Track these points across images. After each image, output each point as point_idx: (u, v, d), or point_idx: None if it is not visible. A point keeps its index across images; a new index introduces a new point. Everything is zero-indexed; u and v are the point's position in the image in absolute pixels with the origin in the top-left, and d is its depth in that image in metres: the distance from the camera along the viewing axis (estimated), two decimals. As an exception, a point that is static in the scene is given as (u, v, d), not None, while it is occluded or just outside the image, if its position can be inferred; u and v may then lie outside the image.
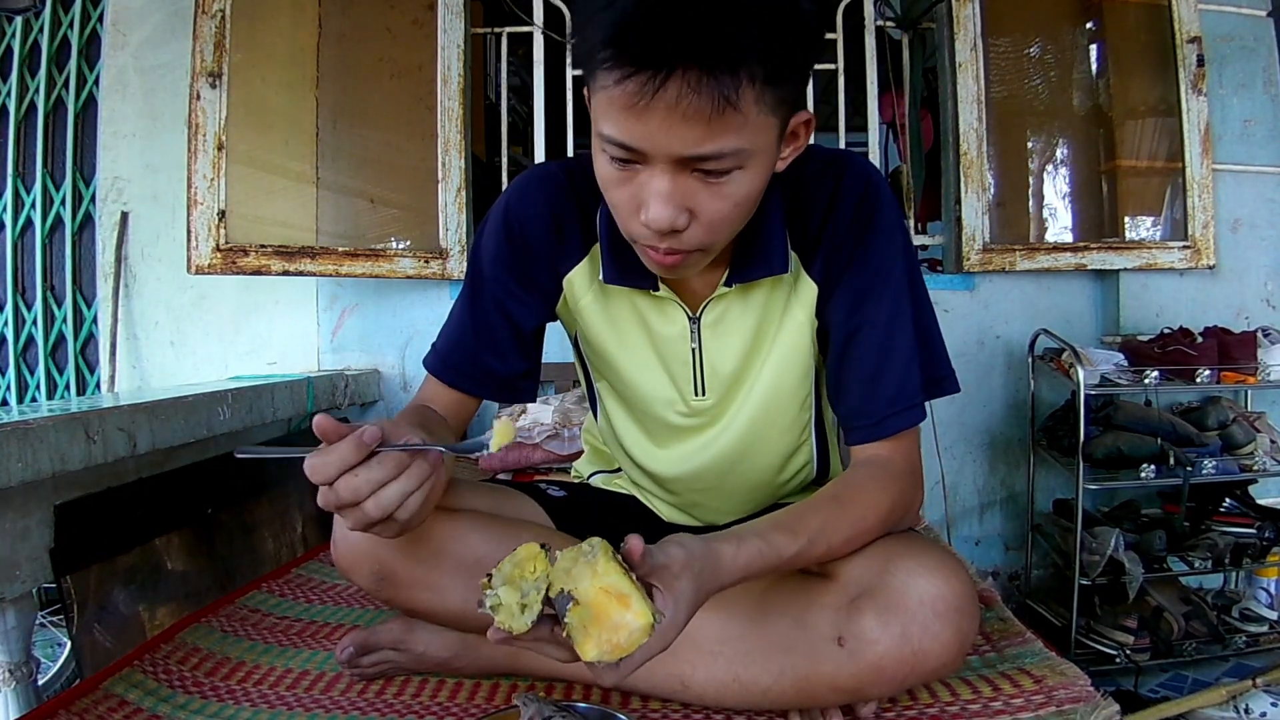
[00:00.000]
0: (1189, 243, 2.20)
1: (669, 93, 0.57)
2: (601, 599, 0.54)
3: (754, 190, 0.66)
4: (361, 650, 0.86)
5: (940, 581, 0.69)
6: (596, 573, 0.55)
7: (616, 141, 0.62)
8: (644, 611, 0.54)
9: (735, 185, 0.64)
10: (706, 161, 0.62)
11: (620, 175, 0.65)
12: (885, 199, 0.79)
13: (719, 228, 0.67)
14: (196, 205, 1.96)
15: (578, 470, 1.12)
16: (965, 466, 2.30)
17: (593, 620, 0.54)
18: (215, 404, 1.45)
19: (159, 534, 1.30)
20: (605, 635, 0.54)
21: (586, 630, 0.54)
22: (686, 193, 0.64)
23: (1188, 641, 1.88)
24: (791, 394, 0.87)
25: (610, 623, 0.54)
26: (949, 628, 0.68)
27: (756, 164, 0.65)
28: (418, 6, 2.15)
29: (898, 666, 0.68)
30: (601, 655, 0.54)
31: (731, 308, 0.82)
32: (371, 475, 0.59)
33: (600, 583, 0.55)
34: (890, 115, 2.41)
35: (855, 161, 0.80)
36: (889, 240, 0.79)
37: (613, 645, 0.54)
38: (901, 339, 0.79)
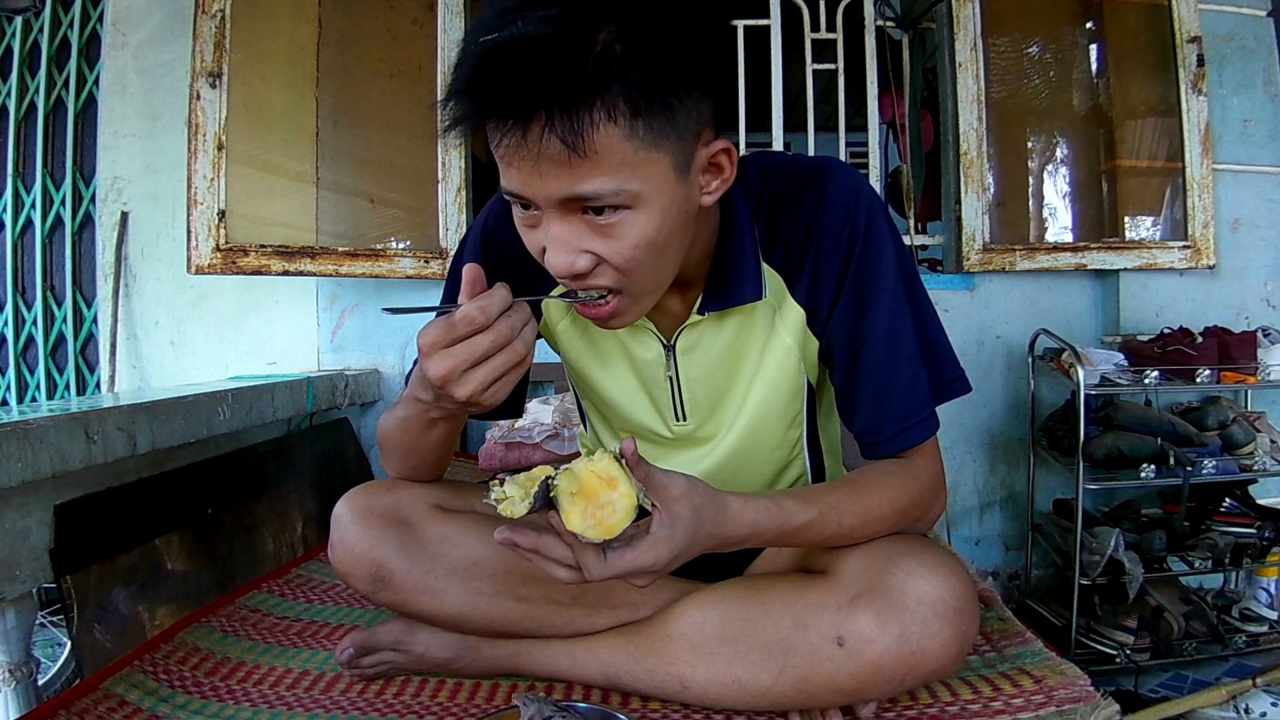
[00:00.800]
0: (1189, 243, 2.20)
1: (531, 139, 0.57)
2: (591, 479, 0.57)
3: (655, 232, 0.63)
4: (361, 651, 0.86)
5: (940, 581, 0.69)
6: (592, 460, 0.58)
7: (508, 191, 0.63)
8: (629, 493, 0.56)
9: (629, 227, 0.62)
10: (585, 202, 0.60)
11: (524, 220, 0.66)
12: (873, 209, 0.76)
13: (629, 270, 0.64)
14: (196, 205, 1.96)
15: None
16: (965, 466, 2.30)
17: (580, 491, 0.57)
18: (215, 404, 1.44)
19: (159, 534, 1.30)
20: (591, 509, 0.56)
21: (573, 500, 0.57)
22: (580, 236, 0.63)
23: (1188, 641, 1.88)
24: (780, 415, 0.85)
25: (597, 500, 0.56)
26: (948, 628, 0.68)
27: (650, 204, 0.62)
28: (418, 6, 2.15)
29: (897, 667, 0.68)
30: (586, 530, 0.56)
31: (705, 335, 0.80)
32: (515, 320, 0.62)
33: (592, 466, 0.58)
34: (890, 115, 2.41)
35: (837, 172, 0.77)
36: (882, 252, 0.76)
37: (598, 521, 0.56)
38: (905, 352, 0.77)
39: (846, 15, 2.28)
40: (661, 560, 0.59)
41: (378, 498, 0.82)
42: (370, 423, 2.26)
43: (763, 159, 0.81)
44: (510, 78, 0.56)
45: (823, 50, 2.30)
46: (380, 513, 0.81)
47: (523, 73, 0.56)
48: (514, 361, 0.62)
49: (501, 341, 0.61)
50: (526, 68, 0.56)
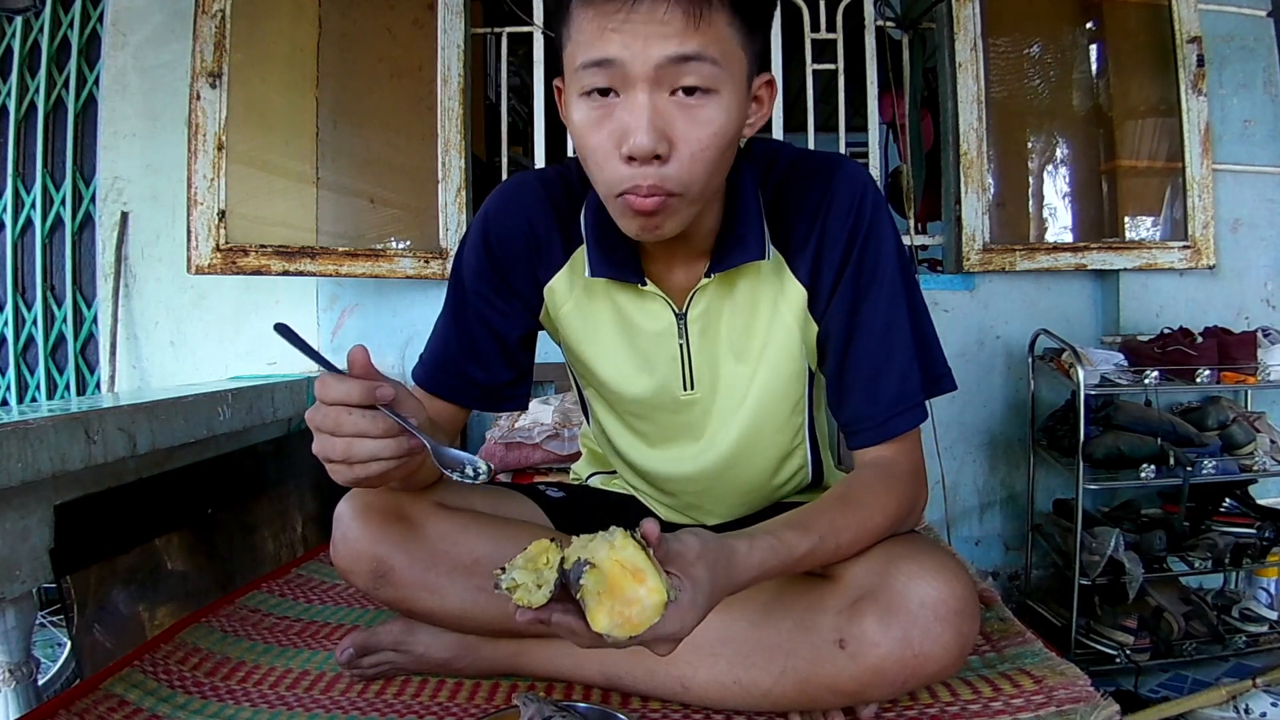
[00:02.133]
0: (1189, 243, 2.20)
1: (646, 3, 0.61)
2: (617, 571, 0.54)
3: (727, 126, 0.67)
4: (361, 652, 0.86)
5: (941, 584, 0.69)
6: (614, 546, 0.55)
7: (596, 61, 0.64)
8: (659, 588, 0.53)
9: (711, 111, 0.65)
10: (686, 65, 0.63)
11: (598, 113, 0.66)
12: (880, 203, 0.80)
13: (697, 161, 0.67)
14: (196, 205, 1.96)
15: (576, 472, 1.13)
16: (965, 466, 2.30)
17: (607, 590, 0.53)
18: (215, 404, 1.45)
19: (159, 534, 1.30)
20: (618, 608, 0.53)
21: (600, 599, 0.53)
22: (666, 118, 0.65)
23: (1188, 641, 1.88)
24: (784, 395, 0.87)
25: (624, 596, 0.53)
26: (950, 631, 0.68)
27: (728, 95, 0.66)
28: (418, 6, 2.15)
29: (898, 669, 0.68)
30: (613, 628, 0.53)
31: (715, 301, 0.82)
32: (359, 424, 0.61)
33: (617, 555, 0.54)
34: (890, 115, 2.41)
35: (848, 165, 0.81)
36: (884, 244, 0.79)
37: (625, 619, 0.53)
38: (900, 340, 0.79)
39: (846, 15, 2.28)
40: (688, 627, 0.57)
41: (379, 496, 0.82)
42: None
43: (770, 145, 0.84)
44: None
45: (823, 50, 2.30)
46: (381, 510, 0.81)
47: None
48: (336, 456, 0.63)
49: (328, 429, 0.62)
50: None
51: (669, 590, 0.53)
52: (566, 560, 0.55)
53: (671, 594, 0.54)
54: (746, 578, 0.63)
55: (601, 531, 0.57)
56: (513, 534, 0.84)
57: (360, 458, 0.62)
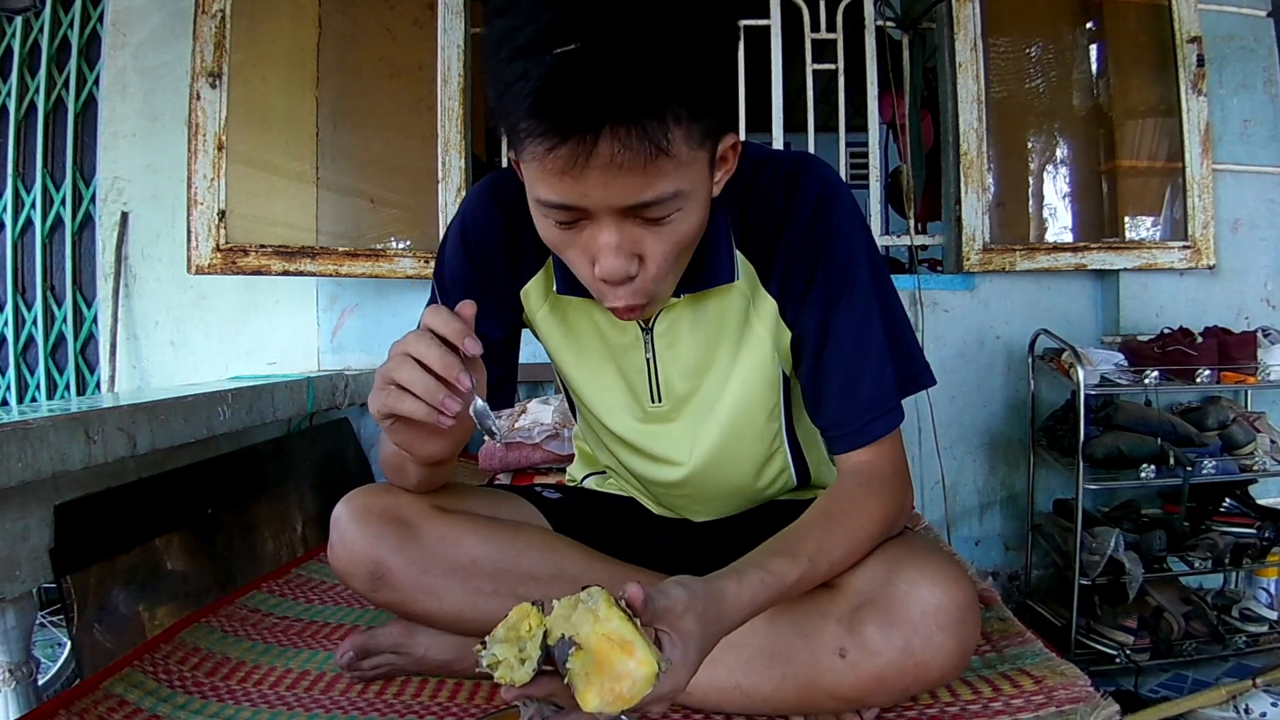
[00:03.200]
0: (1189, 243, 2.20)
1: (601, 152, 0.57)
2: (604, 646, 0.51)
3: (695, 226, 0.67)
4: (362, 654, 0.86)
5: (943, 591, 0.68)
6: (598, 618, 0.52)
7: (557, 205, 0.62)
8: (648, 660, 0.51)
9: (678, 224, 0.65)
10: (649, 209, 0.62)
11: (565, 236, 0.65)
12: (842, 202, 0.78)
13: (666, 268, 0.67)
14: (196, 205, 1.96)
15: (571, 475, 1.13)
16: (965, 466, 2.30)
17: (595, 668, 0.51)
18: (215, 404, 1.44)
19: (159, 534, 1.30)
20: (608, 684, 0.51)
21: (588, 678, 0.51)
22: (634, 240, 0.64)
23: (1188, 641, 1.88)
24: (759, 405, 0.86)
25: (613, 671, 0.51)
26: (951, 639, 0.68)
27: (694, 200, 0.65)
28: (418, 6, 2.15)
29: (899, 677, 0.68)
30: (603, 706, 0.51)
31: (682, 318, 0.81)
32: (444, 358, 0.61)
33: (602, 629, 0.52)
34: (890, 115, 2.41)
35: (809, 167, 0.79)
36: (849, 245, 0.77)
37: (615, 695, 0.51)
38: (872, 343, 0.78)
39: (846, 15, 2.28)
40: (682, 684, 0.56)
41: (376, 499, 0.82)
42: (370, 423, 2.26)
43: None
44: (587, 90, 0.55)
45: (823, 50, 2.30)
46: (379, 513, 0.81)
47: (601, 84, 0.55)
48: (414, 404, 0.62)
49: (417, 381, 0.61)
50: (605, 78, 0.55)
51: (659, 662, 0.51)
52: (550, 634, 0.53)
53: (663, 665, 0.52)
54: (739, 618, 0.61)
55: (582, 594, 0.54)
56: (510, 536, 0.84)
57: (422, 388, 0.61)
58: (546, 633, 0.53)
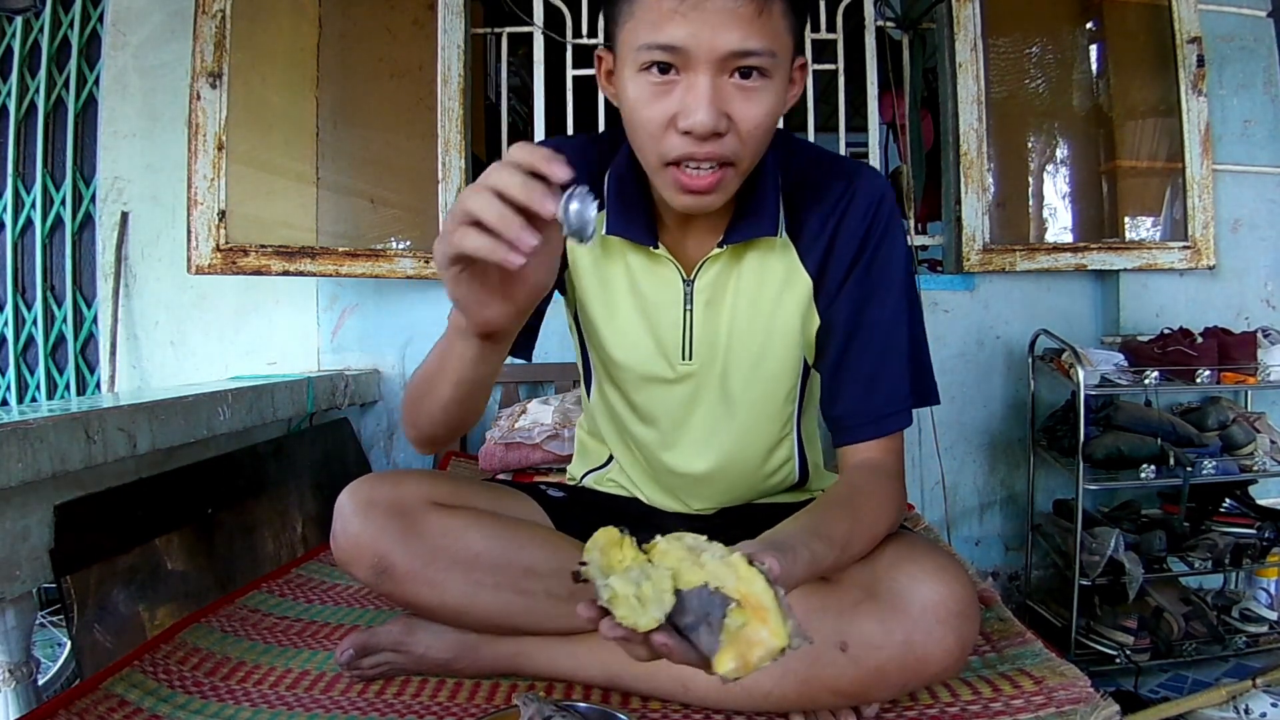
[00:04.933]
0: (1189, 243, 2.20)
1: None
2: (745, 608, 0.48)
3: (776, 107, 0.71)
4: (361, 652, 0.87)
5: (942, 586, 0.69)
6: (740, 577, 0.48)
7: (662, 45, 0.66)
8: (780, 632, 0.47)
9: (765, 93, 0.69)
10: (748, 58, 0.67)
11: (656, 89, 0.69)
12: (895, 213, 0.84)
13: (752, 137, 0.71)
14: (196, 205, 1.96)
15: (571, 473, 1.13)
16: (965, 466, 2.30)
17: (741, 630, 0.47)
18: (215, 404, 1.45)
19: (159, 534, 1.30)
20: (741, 648, 0.47)
21: (732, 636, 0.47)
22: (724, 97, 0.68)
23: (1188, 642, 1.88)
24: (781, 381, 0.89)
25: (748, 637, 0.47)
26: (951, 633, 0.68)
27: (778, 79, 0.70)
28: (418, 6, 2.15)
29: (900, 671, 0.68)
30: (728, 672, 0.47)
31: (725, 273, 0.85)
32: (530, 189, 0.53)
33: (745, 589, 0.48)
34: (890, 115, 2.41)
35: (870, 171, 0.85)
36: (895, 250, 0.82)
37: (744, 661, 0.47)
38: (899, 345, 0.82)
39: (846, 15, 2.28)
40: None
41: (380, 491, 0.83)
42: (370, 423, 2.26)
43: (791, 135, 0.88)
44: None
45: (823, 50, 2.30)
46: (383, 506, 0.81)
47: None
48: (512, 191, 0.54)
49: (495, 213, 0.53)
50: None
51: (791, 638, 0.47)
52: (680, 579, 0.49)
53: (794, 642, 0.47)
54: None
55: (688, 538, 0.51)
56: (512, 533, 0.84)
57: (495, 217, 0.53)
58: (672, 575, 0.49)
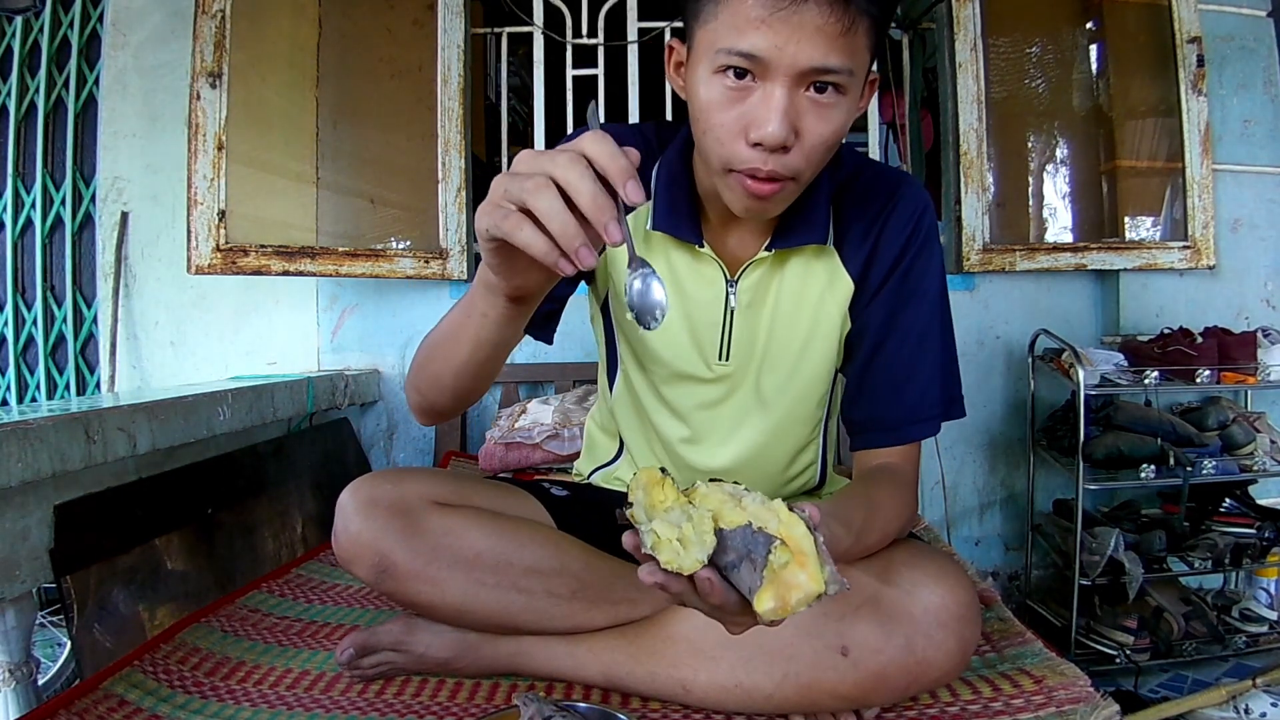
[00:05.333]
0: (1189, 243, 2.20)
1: (810, 7, 0.64)
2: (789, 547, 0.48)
3: (846, 123, 0.71)
4: (361, 651, 0.87)
5: (944, 591, 0.69)
6: (781, 520, 0.48)
7: (743, 53, 0.66)
8: (818, 577, 0.47)
9: (837, 110, 0.69)
10: (826, 75, 0.66)
11: (731, 95, 0.68)
12: (935, 224, 0.85)
13: (816, 153, 0.70)
14: (196, 205, 1.96)
15: (579, 470, 1.13)
16: (965, 466, 2.30)
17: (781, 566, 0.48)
18: (215, 404, 1.44)
19: (159, 534, 1.29)
20: (780, 591, 0.47)
21: (774, 576, 0.47)
22: (797, 111, 0.68)
23: (1188, 641, 1.88)
24: (814, 383, 0.89)
25: (787, 580, 0.47)
26: (952, 637, 0.68)
27: (852, 96, 0.70)
28: (418, 6, 2.15)
29: (900, 676, 0.68)
30: (767, 612, 0.47)
31: (768, 277, 0.85)
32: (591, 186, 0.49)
33: (787, 532, 0.48)
34: (890, 115, 2.41)
35: (914, 181, 0.87)
36: (933, 262, 0.84)
37: (782, 603, 0.47)
38: (930, 355, 0.82)
39: (846, 15, 2.27)
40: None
41: (382, 489, 0.83)
42: (370, 423, 2.26)
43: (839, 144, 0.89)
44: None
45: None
46: (385, 505, 0.81)
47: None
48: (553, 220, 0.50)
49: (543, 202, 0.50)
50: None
51: (828, 584, 0.47)
52: (722, 520, 0.49)
53: (832, 588, 0.47)
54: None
55: (727, 485, 0.52)
56: (514, 531, 0.84)
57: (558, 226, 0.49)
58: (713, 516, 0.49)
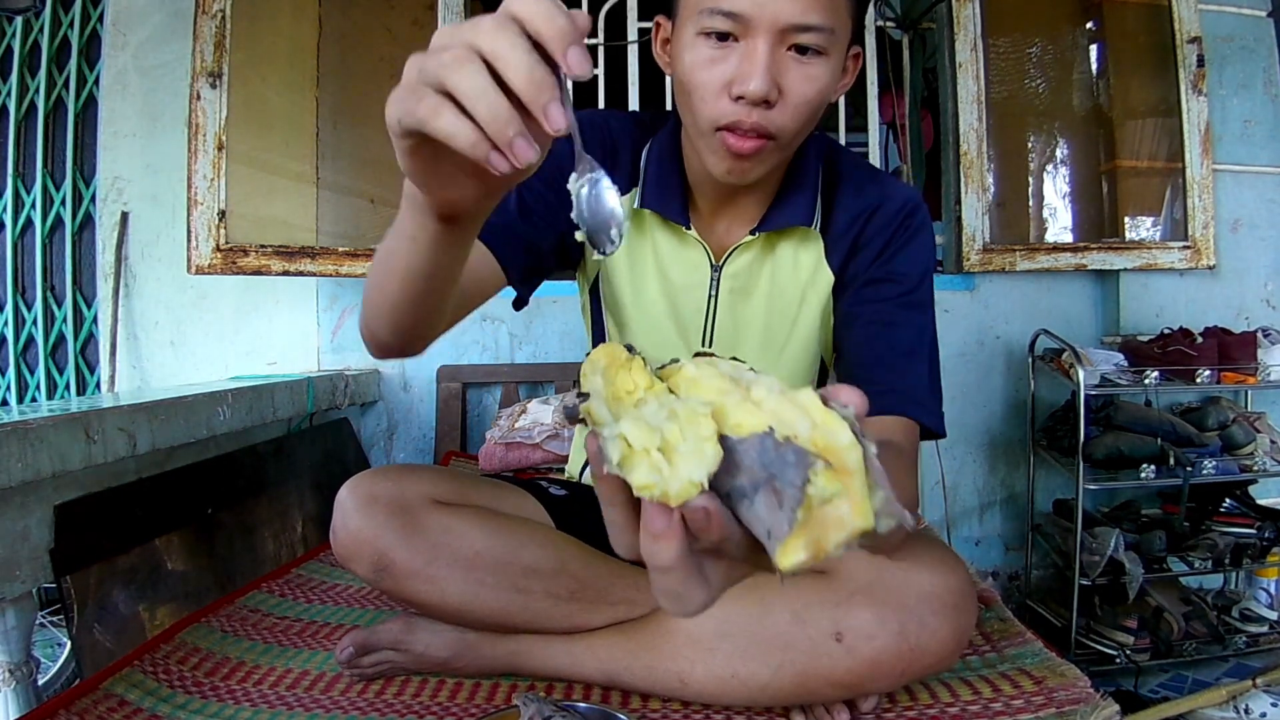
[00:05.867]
0: (1189, 243, 2.20)
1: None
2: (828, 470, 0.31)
3: (828, 87, 0.72)
4: (361, 650, 0.87)
5: (938, 577, 0.69)
6: (816, 423, 0.31)
7: (725, 11, 0.67)
8: (865, 506, 0.30)
9: (818, 69, 0.70)
10: (807, 33, 0.68)
11: (714, 54, 0.70)
12: (928, 226, 0.84)
13: (799, 111, 0.71)
14: (196, 205, 1.96)
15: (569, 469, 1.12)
16: (965, 466, 2.30)
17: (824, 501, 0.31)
18: (215, 404, 1.44)
19: (159, 534, 1.29)
20: (812, 530, 0.31)
21: (810, 515, 0.31)
22: (779, 68, 0.69)
23: (1188, 642, 1.88)
24: (796, 375, 0.89)
25: (823, 514, 0.31)
26: (946, 624, 0.68)
27: (833, 60, 0.71)
28: (418, 6, 2.15)
29: (895, 662, 0.69)
30: (804, 557, 0.31)
31: (755, 263, 0.85)
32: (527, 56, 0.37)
33: (821, 438, 0.31)
34: (890, 115, 2.41)
35: (907, 185, 0.89)
36: (923, 260, 0.82)
37: (817, 546, 0.31)
38: (923, 353, 0.80)
39: (846, 15, 2.27)
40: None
41: (382, 487, 0.82)
42: (370, 423, 2.26)
43: (831, 139, 0.90)
44: None
45: None
46: (385, 503, 0.81)
47: None
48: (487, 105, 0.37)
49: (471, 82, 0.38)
50: None
51: (879, 516, 0.30)
52: (725, 422, 0.32)
53: (884, 522, 0.31)
54: None
55: (752, 372, 0.35)
56: (513, 530, 0.84)
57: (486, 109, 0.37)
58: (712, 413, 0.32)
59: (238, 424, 1.52)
